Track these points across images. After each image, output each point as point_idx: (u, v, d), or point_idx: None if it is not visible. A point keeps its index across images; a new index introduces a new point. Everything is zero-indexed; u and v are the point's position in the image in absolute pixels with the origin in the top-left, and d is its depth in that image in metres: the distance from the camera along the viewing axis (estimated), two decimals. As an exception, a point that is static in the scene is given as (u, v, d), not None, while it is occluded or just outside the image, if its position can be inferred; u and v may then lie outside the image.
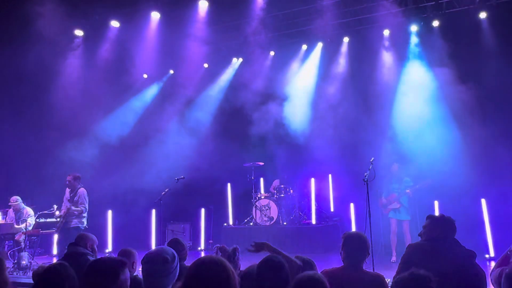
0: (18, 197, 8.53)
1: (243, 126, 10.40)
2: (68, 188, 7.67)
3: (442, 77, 8.90)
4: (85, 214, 7.54)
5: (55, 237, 8.69)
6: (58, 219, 7.66)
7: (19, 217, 8.43)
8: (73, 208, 7.39)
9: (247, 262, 3.56)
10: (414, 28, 9.55)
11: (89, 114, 10.44)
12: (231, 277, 2.03)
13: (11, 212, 8.67)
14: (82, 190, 7.56)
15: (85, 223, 7.60)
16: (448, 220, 3.48)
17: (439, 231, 3.38)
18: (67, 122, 10.04)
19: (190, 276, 2.04)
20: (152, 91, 11.68)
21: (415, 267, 2.44)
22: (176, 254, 2.84)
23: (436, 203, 8.30)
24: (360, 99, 9.55)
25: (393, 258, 7.64)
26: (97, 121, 10.57)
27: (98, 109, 10.61)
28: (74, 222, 7.41)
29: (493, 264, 7.21)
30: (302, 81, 10.61)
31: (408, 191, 7.82)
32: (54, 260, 7.74)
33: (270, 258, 2.80)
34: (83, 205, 7.46)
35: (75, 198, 7.48)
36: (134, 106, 11.37)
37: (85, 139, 10.21)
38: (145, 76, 11.46)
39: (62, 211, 7.52)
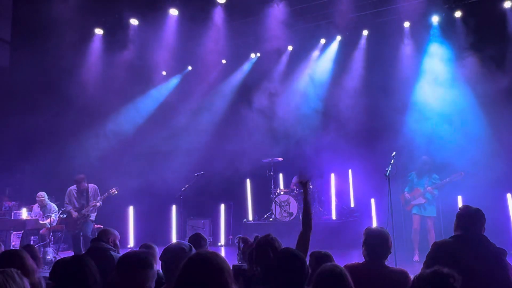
0: (44, 193, 8.73)
1: (261, 121, 10.37)
2: (78, 187, 7.97)
3: (465, 68, 8.69)
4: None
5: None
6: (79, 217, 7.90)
7: (44, 212, 8.62)
8: (98, 204, 7.76)
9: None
10: (435, 19, 9.33)
11: (108, 109, 10.60)
12: (223, 273, 1.97)
13: (36, 207, 8.87)
14: (93, 186, 7.98)
15: None
16: (473, 213, 3.25)
17: (464, 226, 3.20)
18: (86, 117, 10.24)
19: (180, 274, 2.02)
20: (170, 87, 11.75)
21: (442, 266, 2.34)
22: (193, 247, 2.87)
23: (459, 198, 8.10)
24: (381, 92, 9.39)
25: (416, 257, 7.33)
26: (116, 117, 10.71)
27: (117, 104, 10.76)
28: (92, 216, 7.87)
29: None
30: (320, 75, 10.51)
31: (429, 188, 7.47)
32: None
33: (290, 249, 2.78)
34: (100, 199, 7.86)
35: (91, 194, 7.78)
36: (152, 102, 11.47)
37: (105, 135, 10.38)
38: (164, 73, 11.57)
39: (88, 208, 7.78)
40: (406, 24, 9.60)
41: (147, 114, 11.29)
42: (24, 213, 9.35)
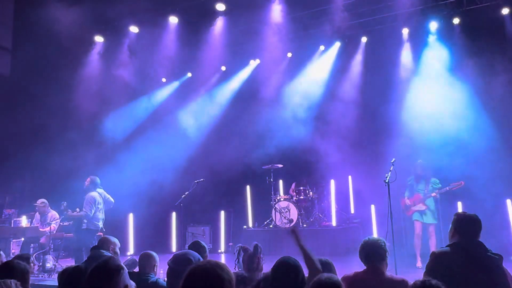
0: (44, 200, 8.68)
1: (261, 127, 10.39)
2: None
3: (463, 74, 8.74)
4: (96, 220, 7.64)
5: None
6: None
7: (44, 220, 8.59)
8: (71, 212, 7.68)
9: (268, 262, 3.57)
10: (434, 26, 9.39)
11: (108, 116, 10.64)
12: (223, 284, 1.94)
13: (37, 215, 8.84)
14: (88, 195, 7.71)
15: (99, 225, 7.70)
16: (469, 218, 3.24)
17: (461, 231, 3.20)
18: (87, 125, 10.26)
19: (181, 286, 2.00)
20: (169, 93, 11.78)
21: (441, 276, 2.37)
22: (201, 258, 2.86)
23: (459, 204, 8.11)
24: (380, 98, 9.44)
25: (418, 264, 7.28)
26: (116, 124, 10.73)
27: (117, 111, 10.80)
28: (84, 225, 7.62)
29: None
30: (320, 81, 10.55)
31: (434, 194, 7.38)
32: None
33: (286, 259, 2.78)
34: (84, 211, 7.58)
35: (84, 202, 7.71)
36: (152, 108, 11.51)
37: (105, 143, 10.40)
38: (163, 80, 11.62)
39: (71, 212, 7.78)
40: (405, 31, 9.67)
41: (146, 120, 11.32)
42: (24, 221, 9.33)
